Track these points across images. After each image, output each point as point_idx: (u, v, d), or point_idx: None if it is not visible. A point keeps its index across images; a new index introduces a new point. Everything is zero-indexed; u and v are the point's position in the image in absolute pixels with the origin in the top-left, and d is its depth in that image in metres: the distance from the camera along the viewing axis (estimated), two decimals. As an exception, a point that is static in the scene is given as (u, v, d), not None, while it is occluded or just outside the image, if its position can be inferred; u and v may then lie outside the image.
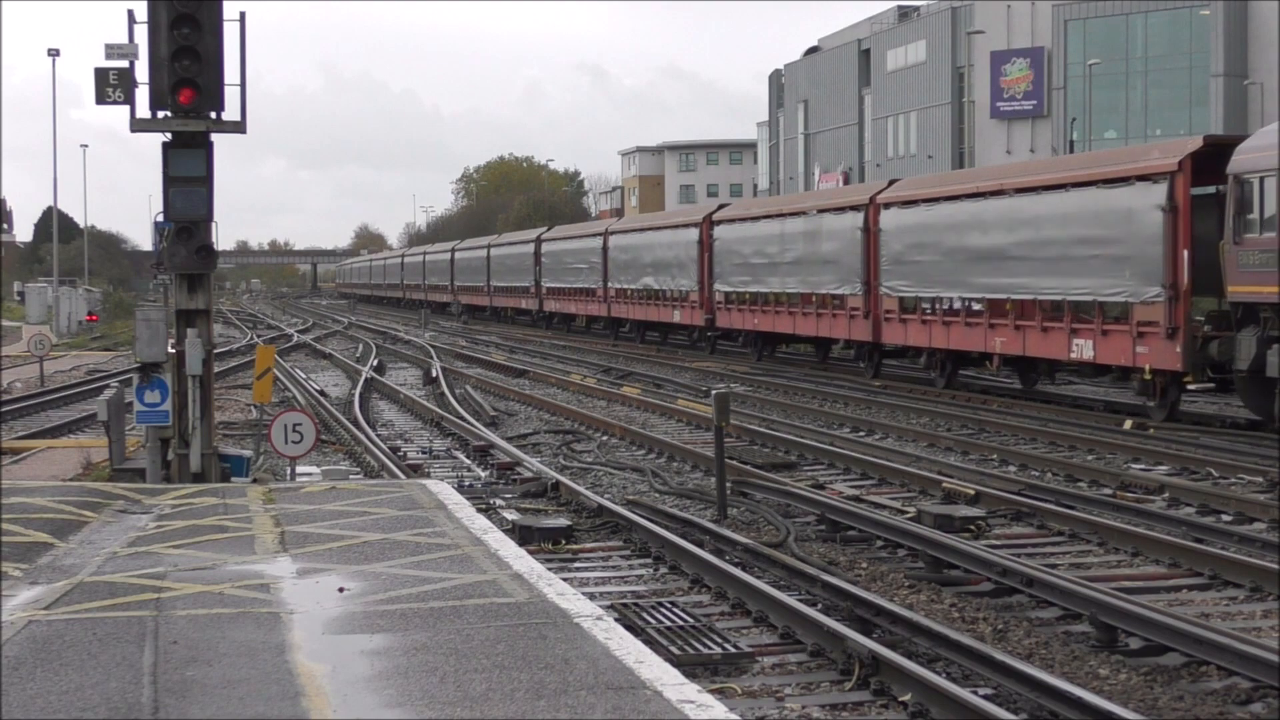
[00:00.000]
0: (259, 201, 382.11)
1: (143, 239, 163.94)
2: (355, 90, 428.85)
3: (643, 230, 55.34)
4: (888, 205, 35.25)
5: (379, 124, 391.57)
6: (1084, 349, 27.23)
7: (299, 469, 19.88)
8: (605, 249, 58.35)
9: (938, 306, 32.79)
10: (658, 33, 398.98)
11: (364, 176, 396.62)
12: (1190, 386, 25.24)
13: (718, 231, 46.20)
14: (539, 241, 70.40)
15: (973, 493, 17.33)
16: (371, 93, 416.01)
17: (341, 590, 10.02)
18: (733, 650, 10.57)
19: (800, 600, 11.87)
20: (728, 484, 17.41)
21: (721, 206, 49.63)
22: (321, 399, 32.40)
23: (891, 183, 37.83)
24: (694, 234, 47.97)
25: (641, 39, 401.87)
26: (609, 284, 57.70)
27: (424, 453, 23.63)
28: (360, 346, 55.62)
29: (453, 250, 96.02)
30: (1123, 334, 25.99)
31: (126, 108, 16.37)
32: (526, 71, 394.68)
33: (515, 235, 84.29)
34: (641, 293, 53.82)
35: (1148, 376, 25.59)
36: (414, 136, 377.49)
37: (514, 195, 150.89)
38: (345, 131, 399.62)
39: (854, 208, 37.03)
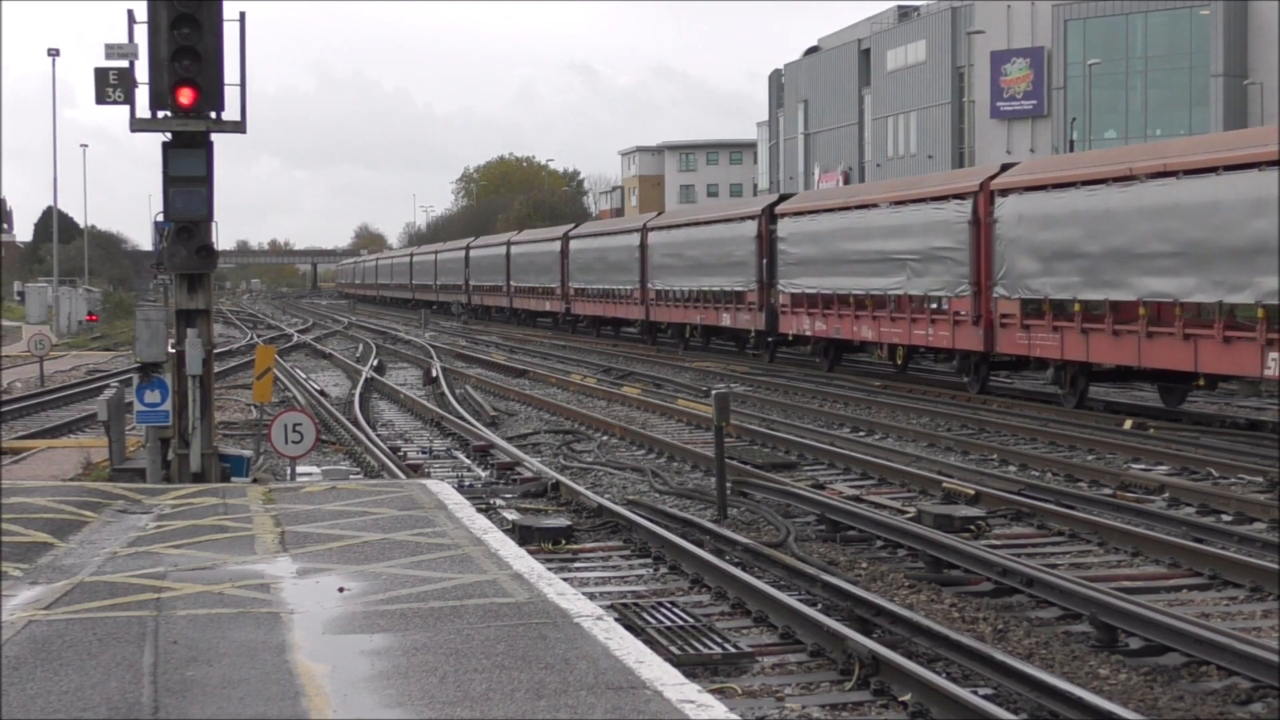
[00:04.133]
0: (254, 201, 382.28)
1: (142, 239, 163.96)
2: (348, 89, 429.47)
3: (688, 225, 50.22)
4: (1006, 191, 29.56)
5: (372, 123, 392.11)
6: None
7: (299, 469, 19.88)
8: (643, 246, 53.72)
9: (1080, 308, 27.27)
10: (647, 32, 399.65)
11: (360, 176, 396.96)
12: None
13: (782, 226, 40.93)
14: (566, 239, 65.83)
15: (973, 493, 17.33)
16: (364, 92, 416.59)
17: (341, 590, 10.02)
18: (733, 650, 10.56)
19: (800, 600, 11.87)
20: (728, 484, 17.41)
21: (783, 197, 44.46)
22: (321, 399, 32.40)
23: (1005, 168, 31.61)
24: (751, 228, 43.10)
25: (631, 38, 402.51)
26: (647, 284, 52.92)
27: (424, 453, 23.63)
28: (360, 346, 55.62)
29: (467, 248, 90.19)
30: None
31: (124, 108, 16.37)
32: (518, 71, 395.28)
33: (538, 232, 79.03)
34: (684, 295, 49.23)
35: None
36: (408, 136, 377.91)
37: (514, 195, 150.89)
38: (339, 131, 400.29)
39: (958, 196, 31.23)
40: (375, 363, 44.83)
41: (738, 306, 44.15)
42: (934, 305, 32.62)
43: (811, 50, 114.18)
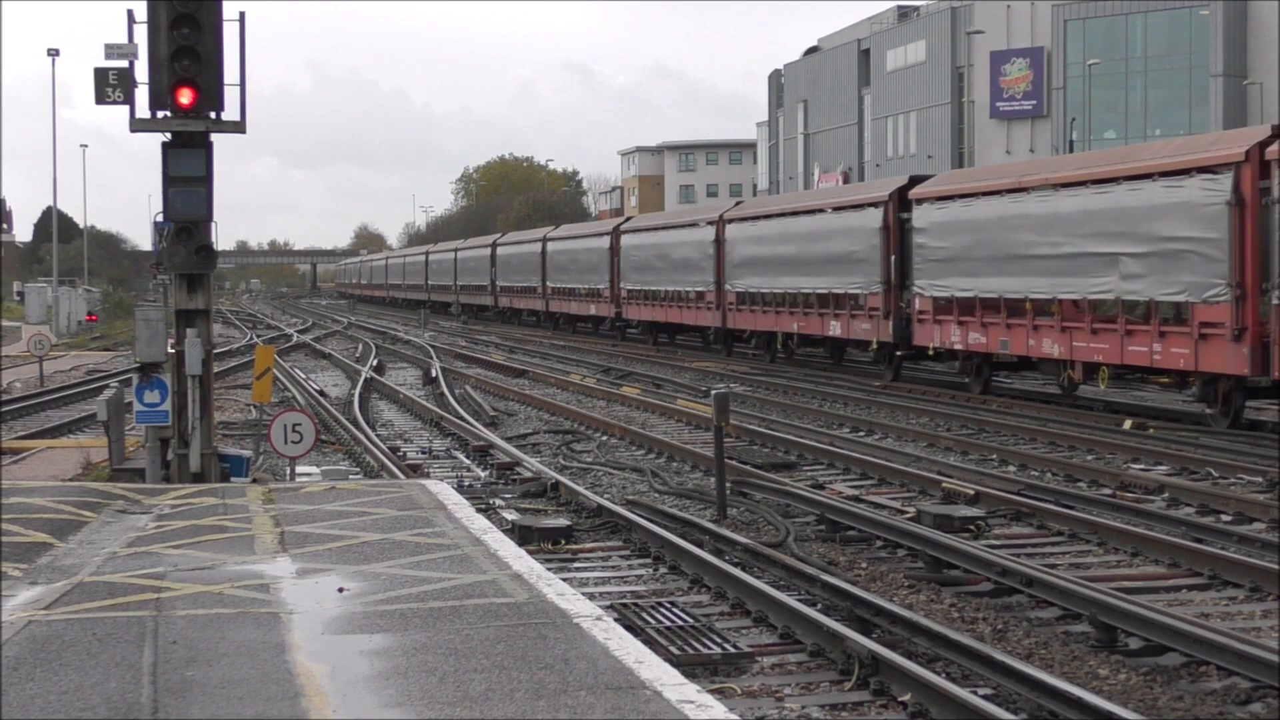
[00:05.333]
0: (252, 201, 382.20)
1: (142, 239, 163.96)
2: (344, 89, 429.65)
3: (781, 215, 42.03)
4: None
5: (370, 123, 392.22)
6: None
7: (299, 469, 19.88)
8: (718, 240, 45.58)
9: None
10: (644, 32, 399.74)
11: (358, 176, 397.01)
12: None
13: (920, 215, 33.11)
14: (617, 234, 57.53)
15: (972, 493, 17.33)
16: (361, 91, 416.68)
17: (341, 590, 10.02)
18: (732, 650, 10.56)
19: (800, 600, 11.87)
20: (727, 484, 17.41)
21: (917, 180, 34.97)
22: (321, 399, 32.40)
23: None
24: (874, 217, 35.22)
25: (628, 38, 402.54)
26: (725, 285, 44.78)
27: (424, 453, 23.63)
28: (360, 346, 55.62)
29: (494, 245, 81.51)
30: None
31: (123, 108, 16.39)
32: (515, 71, 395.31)
33: (582, 226, 73.01)
34: (774, 298, 41.23)
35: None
36: (406, 136, 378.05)
37: (514, 195, 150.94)
38: (336, 130, 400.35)
39: (1208, 169, 24.07)
40: (375, 363, 44.82)
41: (853, 313, 36.13)
42: (1149, 313, 25.59)
43: (811, 50, 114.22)
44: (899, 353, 34.59)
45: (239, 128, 16.68)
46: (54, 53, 77.81)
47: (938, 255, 32.00)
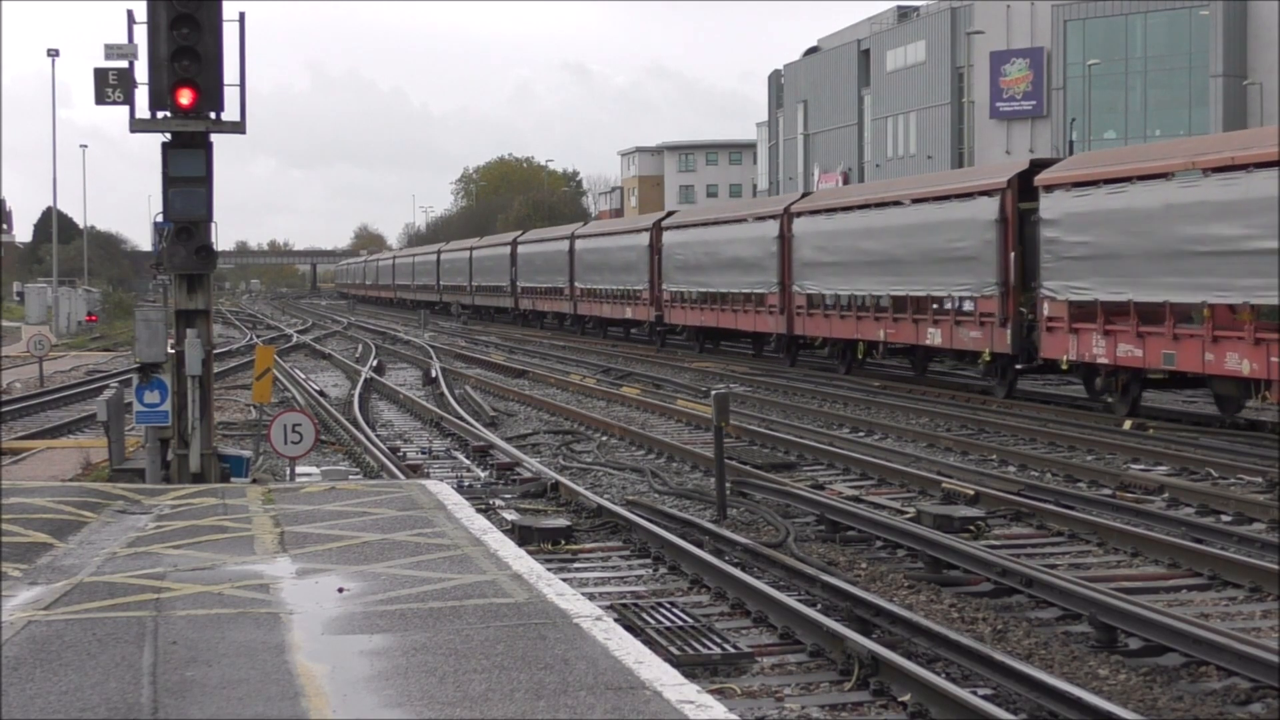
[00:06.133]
0: (250, 201, 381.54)
1: (142, 239, 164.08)
2: (343, 89, 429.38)
3: (863, 208, 37.05)
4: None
5: (369, 123, 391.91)
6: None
7: (298, 469, 19.88)
8: (783, 237, 40.80)
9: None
10: (640, 32, 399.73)
11: (357, 176, 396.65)
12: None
13: (1051, 204, 27.93)
14: (657, 229, 52.43)
15: (972, 493, 17.33)
16: (359, 92, 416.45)
17: (341, 590, 10.01)
18: (732, 650, 10.56)
19: (800, 600, 11.87)
20: (727, 484, 17.41)
21: (1042, 164, 30.05)
22: (321, 399, 32.39)
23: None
24: (988, 208, 30.48)
25: (625, 38, 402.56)
26: (793, 285, 40.02)
27: (423, 453, 23.63)
28: (359, 347, 55.61)
29: (514, 242, 76.12)
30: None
31: (121, 108, 16.38)
32: (513, 71, 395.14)
33: (615, 223, 68.00)
34: (855, 302, 36.82)
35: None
36: (405, 136, 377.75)
37: (514, 195, 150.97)
38: (335, 131, 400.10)
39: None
40: (374, 363, 44.82)
41: (959, 319, 31.55)
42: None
43: (811, 50, 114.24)
44: (1017, 365, 30.05)
45: (239, 128, 16.68)
46: (54, 53, 77.78)
47: (1076, 252, 26.98)
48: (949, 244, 31.65)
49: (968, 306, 31.44)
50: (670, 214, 56.97)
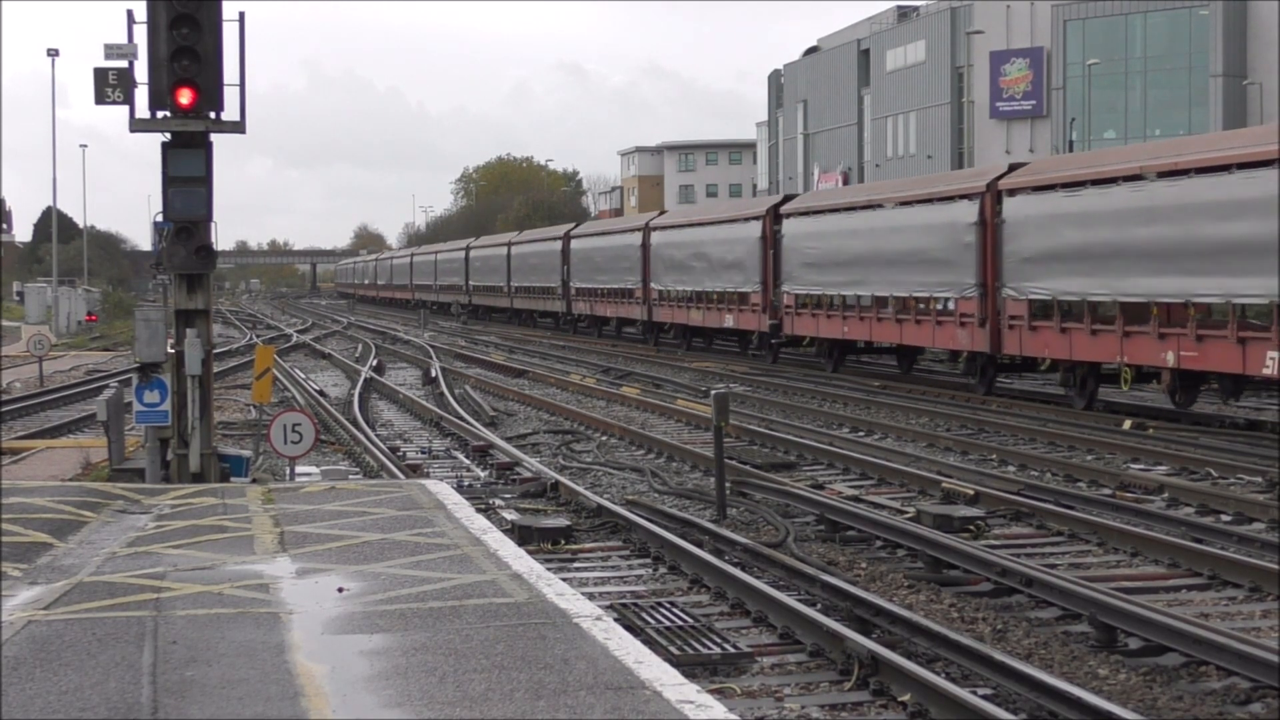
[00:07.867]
0: (249, 201, 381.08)
1: (141, 239, 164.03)
2: (339, 89, 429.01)
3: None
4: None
5: (366, 123, 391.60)
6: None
7: (298, 469, 19.88)
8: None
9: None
10: (636, 32, 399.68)
11: (355, 176, 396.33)
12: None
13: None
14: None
15: (972, 493, 17.33)
16: (356, 91, 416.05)
17: (341, 590, 10.01)
18: (732, 650, 10.56)
19: (799, 600, 11.87)
20: (727, 484, 17.41)
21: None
22: (321, 399, 32.39)
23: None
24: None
25: (620, 38, 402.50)
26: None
27: (423, 453, 23.63)
28: (359, 346, 55.61)
29: (567, 235, 66.15)
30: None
31: (120, 108, 16.39)
32: (510, 70, 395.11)
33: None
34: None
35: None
36: (402, 135, 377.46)
37: (513, 195, 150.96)
38: (332, 130, 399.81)
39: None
40: (374, 363, 44.82)
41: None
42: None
43: (811, 50, 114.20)
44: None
45: (239, 128, 16.68)
46: (53, 53, 77.76)
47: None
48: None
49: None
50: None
